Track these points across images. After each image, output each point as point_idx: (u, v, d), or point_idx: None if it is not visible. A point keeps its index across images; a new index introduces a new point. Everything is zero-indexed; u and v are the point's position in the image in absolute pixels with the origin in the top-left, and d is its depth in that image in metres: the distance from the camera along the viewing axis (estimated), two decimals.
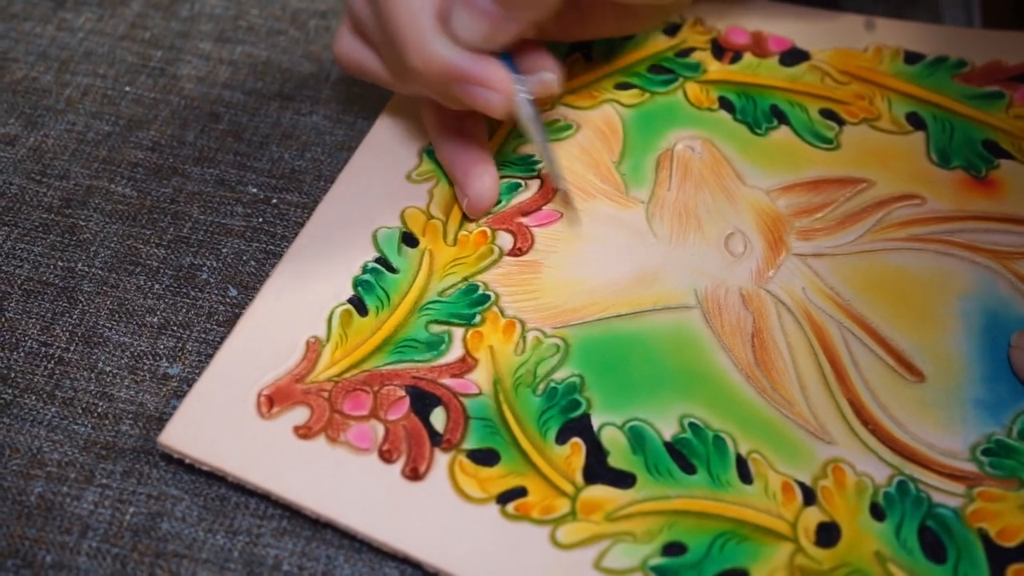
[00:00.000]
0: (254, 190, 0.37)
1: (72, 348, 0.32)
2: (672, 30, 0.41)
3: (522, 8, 0.29)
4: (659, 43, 0.41)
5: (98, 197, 0.36)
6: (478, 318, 0.32)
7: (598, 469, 0.29)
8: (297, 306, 0.32)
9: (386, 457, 0.29)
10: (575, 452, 0.29)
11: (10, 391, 0.31)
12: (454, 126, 0.35)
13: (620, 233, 0.35)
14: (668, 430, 0.30)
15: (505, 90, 0.30)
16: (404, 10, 0.29)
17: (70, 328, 0.33)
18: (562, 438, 0.30)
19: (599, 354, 0.31)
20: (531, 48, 0.32)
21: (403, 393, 0.30)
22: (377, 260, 0.33)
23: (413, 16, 0.29)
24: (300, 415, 0.29)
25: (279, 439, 0.29)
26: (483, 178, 0.34)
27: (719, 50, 0.41)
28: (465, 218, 0.35)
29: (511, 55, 0.31)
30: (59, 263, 0.35)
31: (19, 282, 0.34)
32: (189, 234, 0.35)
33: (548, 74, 0.32)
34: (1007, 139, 0.38)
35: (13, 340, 0.33)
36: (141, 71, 0.41)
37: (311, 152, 0.38)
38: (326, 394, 0.30)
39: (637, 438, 0.30)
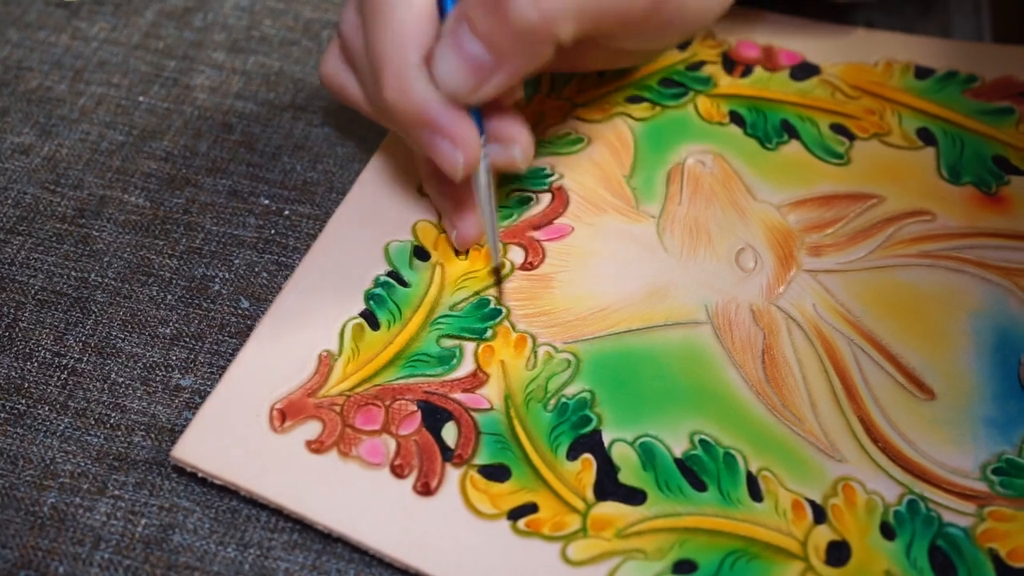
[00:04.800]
0: (266, 201, 0.37)
1: (85, 359, 0.33)
2: (683, 44, 0.42)
3: (515, 61, 0.27)
4: (670, 56, 0.41)
5: (111, 207, 0.37)
6: (489, 332, 0.32)
7: (609, 485, 0.29)
8: (309, 320, 0.32)
9: (397, 472, 0.29)
10: (586, 468, 0.29)
11: (24, 401, 0.32)
12: None
13: (631, 248, 0.35)
14: (678, 447, 0.30)
15: (470, 153, 0.29)
16: (391, 40, 0.28)
17: (83, 339, 0.33)
18: (573, 454, 0.30)
19: (610, 370, 0.32)
20: (505, 112, 0.30)
21: (415, 408, 0.30)
22: (389, 274, 0.33)
23: (398, 48, 0.28)
24: (312, 429, 0.30)
25: (291, 453, 0.29)
26: (474, 211, 0.33)
27: (730, 64, 0.41)
28: (456, 251, 0.34)
29: (481, 112, 0.30)
30: (72, 273, 0.35)
31: (33, 292, 0.34)
32: (201, 245, 0.36)
33: (517, 148, 0.30)
34: (1017, 155, 0.38)
35: (27, 350, 0.33)
36: (154, 81, 0.41)
37: (323, 164, 0.38)
38: (338, 408, 0.30)
39: (648, 454, 0.30)
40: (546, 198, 0.36)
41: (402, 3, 0.28)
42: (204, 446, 0.29)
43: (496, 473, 0.29)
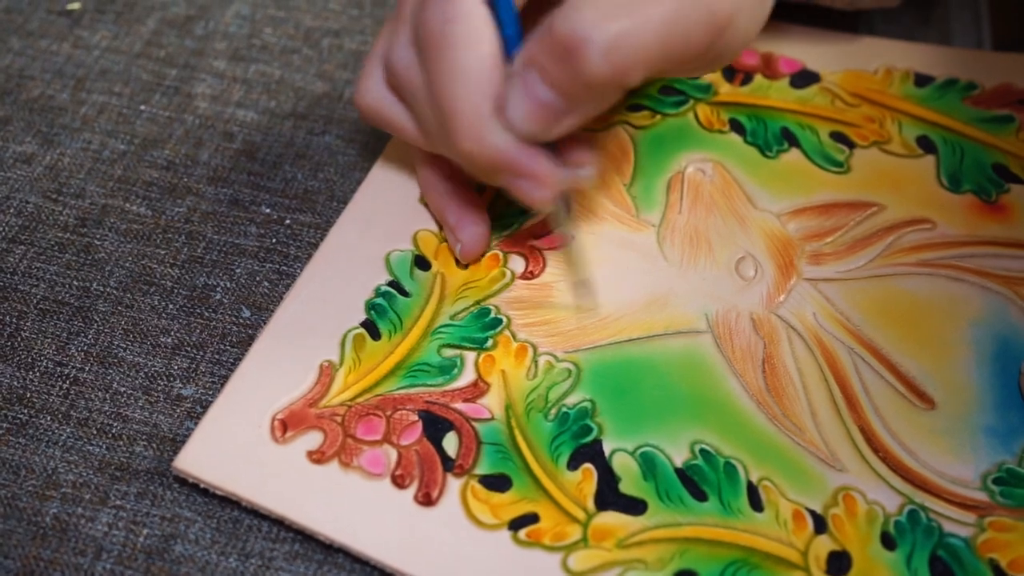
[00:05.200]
0: (267, 210, 0.37)
1: (87, 368, 0.33)
2: None
3: (586, 106, 0.28)
4: None
5: (113, 216, 0.37)
6: (490, 342, 0.32)
7: (609, 495, 0.29)
8: (310, 330, 0.32)
9: (398, 482, 0.29)
10: (586, 478, 0.29)
11: (26, 411, 0.32)
12: (448, 174, 0.34)
13: (631, 256, 0.35)
14: (679, 456, 0.30)
15: (552, 189, 0.29)
16: (464, 91, 0.28)
17: (85, 348, 0.33)
18: (574, 464, 0.30)
19: (611, 379, 0.32)
20: (573, 139, 0.31)
21: (416, 418, 0.30)
22: (390, 283, 0.33)
23: (473, 100, 0.28)
24: (313, 440, 0.30)
25: (292, 464, 0.29)
26: (477, 224, 0.33)
27: (730, 71, 0.41)
28: (457, 262, 0.34)
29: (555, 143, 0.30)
30: (74, 282, 0.35)
31: (35, 301, 0.34)
32: (203, 254, 0.36)
33: (587, 170, 0.31)
34: (1017, 163, 0.38)
35: (29, 360, 0.33)
36: (156, 89, 0.41)
37: (324, 172, 0.38)
38: (339, 419, 0.30)
39: (648, 464, 0.30)
40: None
41: (470, 50, 0.28)
42: (206, 456, 0.29)
43: (497, 483, 0.29)
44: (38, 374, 0.33)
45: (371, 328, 0.32)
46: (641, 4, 0.26)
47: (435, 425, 0.30)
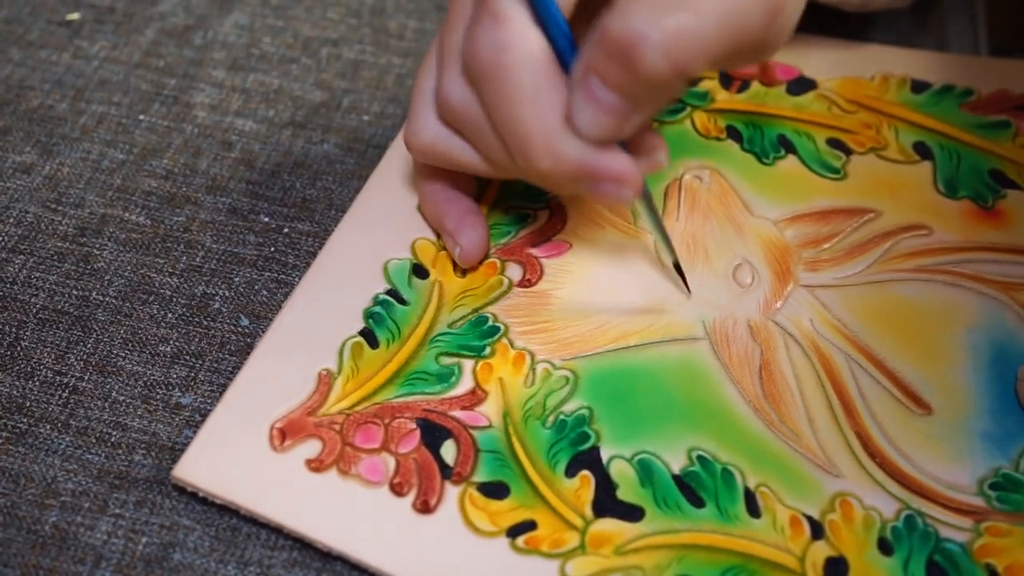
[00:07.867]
0: (266, 219, 0.37)
1: (86, 377, 0.33)
2: None
3: (651, 102, 0.28)
4: None
5: (112, 226, 0.37)
6: (488, 350, 0.32)
7: (607, 502, 0.29)
8: (309, 338, 0.32)
9: (397, 490, 0.29)
10: (584, 485, 0.30)
11: (25, 420, 0.32)
12: (446, 182, 0.34)
13: (629, 264, 0.35)
14: (676, 463, 0.30)
15: (635, 184, 0.29)
16: (531, 112, 0.28)
17: (84, 357, 0.33)
18: (571, 471, 0.30)
19: (608, 386, 0.32)
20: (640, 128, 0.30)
21: (414, 426, 0.30)
22: (388, 292, 0.34)
23: (542, 119, 0.28)
24: (312, 448, 0.30)
25: (291, 472, 0.29)
26: (476, 228, 0.34)
27: (727, 79, 0.41)
28: (455, 268, 0.34)
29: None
30: (74, 292, 0.35)
31: (34, 311, 0.34)
32: (202, 263, 0.36)
33: (660, 153, 0.30)
34: (1013, 169, 0.38)
35: (28, 369, 0.33)
36: (155, 99, 0.41)
37: (322, 181, 0.39)
38: (338, 427, 0.30)
39: (646, 471, 0.30)
40: (544, 215, 0.36)
41: (529, 72, 0.28)
42: (204, 465, 0.29)
43: (495, 490, 0.29)
44: (37, 383, 0.33)
45: (369, 336, 0.32)
46: None
47: (433, 433, 0.30)
